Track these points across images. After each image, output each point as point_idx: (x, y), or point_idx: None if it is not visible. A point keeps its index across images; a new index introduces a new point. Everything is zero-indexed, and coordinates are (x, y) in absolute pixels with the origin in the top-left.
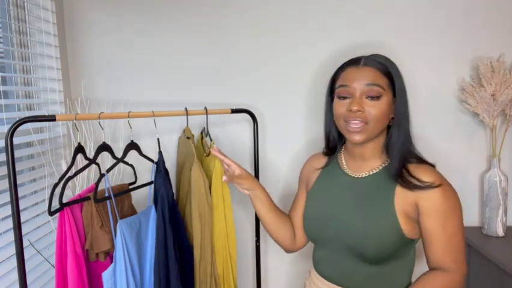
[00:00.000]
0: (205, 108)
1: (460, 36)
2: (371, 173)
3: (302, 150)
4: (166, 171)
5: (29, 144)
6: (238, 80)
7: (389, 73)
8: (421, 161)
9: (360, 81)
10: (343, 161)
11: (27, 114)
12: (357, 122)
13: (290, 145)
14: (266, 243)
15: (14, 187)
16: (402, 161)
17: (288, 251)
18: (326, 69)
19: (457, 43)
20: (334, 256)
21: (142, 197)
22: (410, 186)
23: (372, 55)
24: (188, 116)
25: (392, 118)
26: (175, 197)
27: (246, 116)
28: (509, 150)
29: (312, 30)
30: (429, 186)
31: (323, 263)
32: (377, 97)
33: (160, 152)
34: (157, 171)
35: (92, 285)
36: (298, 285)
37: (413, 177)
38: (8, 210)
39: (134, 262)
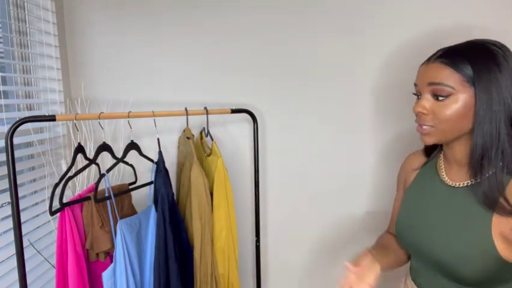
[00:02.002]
0: (205, 108)
1: (459, 36)
2: (468, 183)
3: (302, 150)
4: (166, 171)
5: (29, 144)
6: (238, 80)
7: (465, 67)
8: None
9: (422, 80)
10: (441, 164)
11: (27, 114)
12: (421, 123)
13: (290, 145)
14: (266, 242)
15: (14, 187)
16: (492, 178)
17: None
18: (325, 69)
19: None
20: (429, 271)
21: (142, 197)
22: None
23: (454, 46)
24: (188, 116)
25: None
26: (175, 196)
27: (246, 116)
28: None
29: (312, 30)
30: None
31: (419, 276)
32: (445, 96)
33: (160, 152)
34: (157, 171)
35: (93, 285)
36: (299, 285)
37: None
38: (8, 210)
39: (134, 262)
